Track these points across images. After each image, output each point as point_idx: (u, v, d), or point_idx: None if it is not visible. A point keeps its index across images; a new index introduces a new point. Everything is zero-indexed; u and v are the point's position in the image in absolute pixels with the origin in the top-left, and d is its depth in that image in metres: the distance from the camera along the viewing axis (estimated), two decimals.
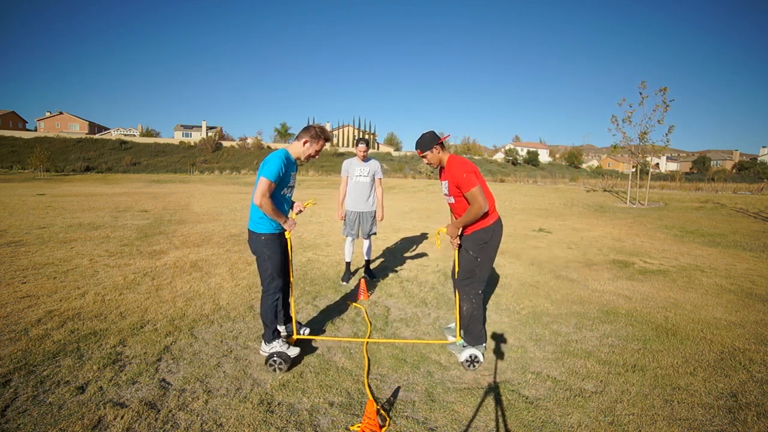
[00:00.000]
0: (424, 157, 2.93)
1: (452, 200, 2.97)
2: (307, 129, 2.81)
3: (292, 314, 3.07)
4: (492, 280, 5.00)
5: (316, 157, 2.87)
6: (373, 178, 4.75)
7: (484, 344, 2.97)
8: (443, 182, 2.99)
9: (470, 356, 2.82)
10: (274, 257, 2.80)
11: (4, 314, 3.49)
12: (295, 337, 3.02)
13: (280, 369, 2.70)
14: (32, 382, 2.47)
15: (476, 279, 2.94)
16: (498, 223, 2.92)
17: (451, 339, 3.13)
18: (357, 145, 4.63)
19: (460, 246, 3.01)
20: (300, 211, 3.01)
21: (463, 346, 2.94)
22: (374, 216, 4.82)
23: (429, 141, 2.88)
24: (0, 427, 2.06)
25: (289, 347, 2.80)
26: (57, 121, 68.42)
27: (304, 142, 2.78)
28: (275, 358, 2.70)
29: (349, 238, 4.80)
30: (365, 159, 4.70)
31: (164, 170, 48.29)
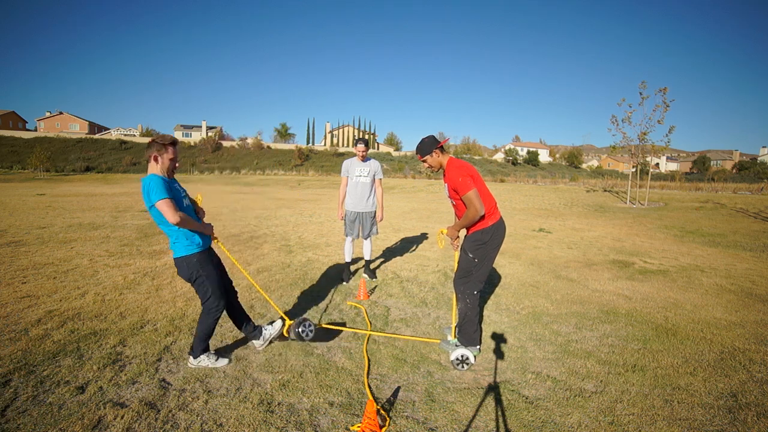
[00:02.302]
0: (424, 161, 2.97)
1: (454, 202, 3.01)
2: (148, 145, 2.59)
3: (277, 309, 3.13)
4: (492, 280, 5.00)
5: (177, 165, 2.67)
6: (374, 179, 4.73)
7: (477, 346, 2.96)
8: (445, 185, 3.02)
9: (460, 356, 2.82)
10: (212, 275, 2.70)
11: (4, 314, 3.49)
12: (324, 325, 3.09)
13: (311, 333, 2.91)
14: (32, 382, 2.46)
15: (473, 279, 2.94)
16: (498, 225, 2.92)
17: (449, 337, 3.14)
18: (356, 145, 4.61)
19: (460, 248, 3.04)
20: (203, 210, 2.89)
21: (456, 345, 2.95)
22: (374, 216, 4.80)
23: (429, 145, 2.93)
24: (0, 427, 2.06)
25: (217, 359, 2.77)
26: (57, 121, 68.42)
27: (155, 158, 2.56)
28: (305, 325, 2.89)
29: (349, 238, 4.79)
30: (365, 159, 4.69)
31: None
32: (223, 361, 2.79)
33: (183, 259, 2.64)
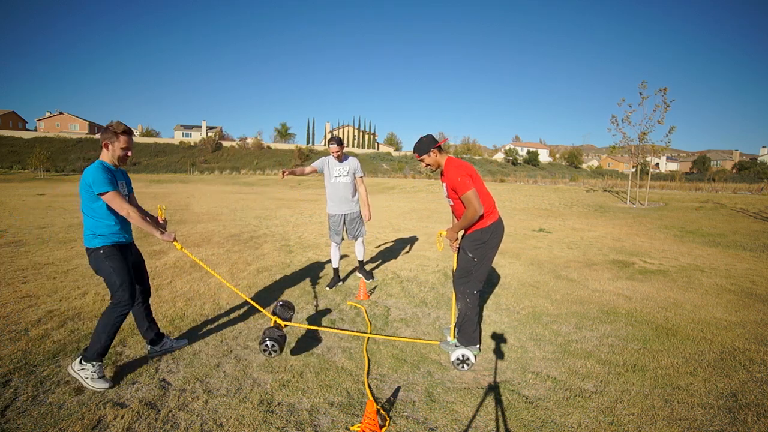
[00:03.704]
0: (422, 160, 2.96)
1: (452, 202, 3.00)
2: (104, 130, 2.55)
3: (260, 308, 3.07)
4: (492, 280, 5.00)
5: (129, 154, 2.63)
6: (354, 177, 4.56)
7: (477, 345, 2.95)
8: (443, 184, 3.01)
9: (461, 356, 2.81)
10: (119, 268, 2.54)
11: (4, 314, 3.49)
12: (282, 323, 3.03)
13: (274, 352, 2.73)
14: (32, 382, 2.47)
15: (472, 279, 2.94)
16: (497, 224, 2.92)
17: (449, 338, 3.13)
18: (329, 146, 4.43)
19: (459, 248, 3.03)
20: (165, 220, 2.86)
21: (456, 346, 2.94)
22: (360, 216, 4.65)
23: (427, 144, 2.92)
24: (0, 427, 2.06)
25: (100, 377, 2.45)
26: (57, 121, 68.43)
27: (106, 145, 2.55)
28: (268, 343, 2.71)
29: (335, 244, 4.61)
30: (341, 159, 4.50)
31: (164, 170, 48.33)
32: (103, 384, 2.44)
33: (92, 251, 2.55)
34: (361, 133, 69.90)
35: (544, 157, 78.52)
